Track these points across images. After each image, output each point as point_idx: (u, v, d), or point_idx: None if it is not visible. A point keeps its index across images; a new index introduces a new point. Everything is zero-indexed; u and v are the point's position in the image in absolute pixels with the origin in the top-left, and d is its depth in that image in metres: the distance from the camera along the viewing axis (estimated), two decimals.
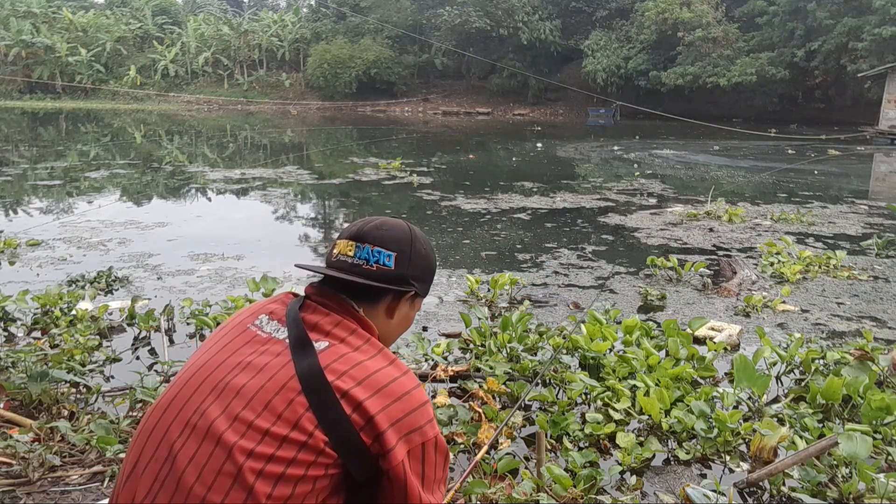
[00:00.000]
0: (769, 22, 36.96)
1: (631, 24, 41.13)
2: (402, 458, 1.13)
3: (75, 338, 3.63)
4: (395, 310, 1.36)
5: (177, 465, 1.07)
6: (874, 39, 30.55)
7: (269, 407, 1.09)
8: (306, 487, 1.09)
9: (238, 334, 1.24)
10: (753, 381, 3.08)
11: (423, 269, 1.39)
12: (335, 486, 1.15)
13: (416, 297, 1.40)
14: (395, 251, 1.31)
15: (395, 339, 1.42)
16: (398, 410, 1.14)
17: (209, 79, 51.74)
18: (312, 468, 1.09)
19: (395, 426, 1.13)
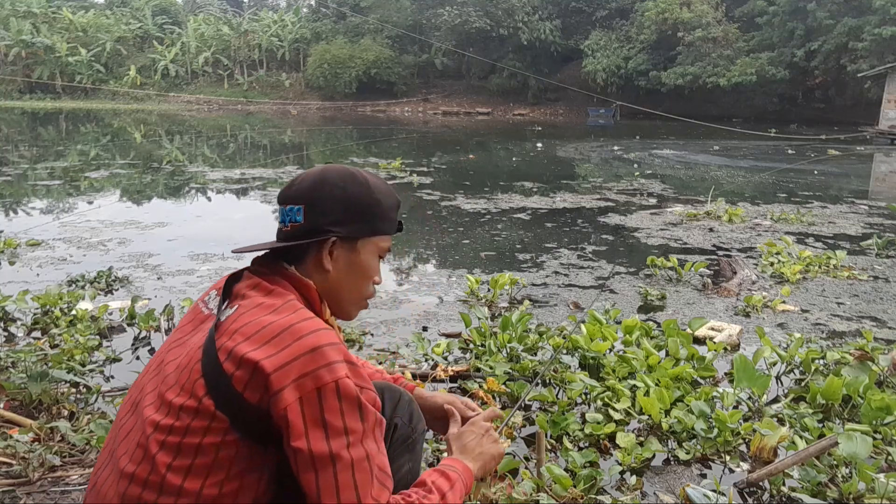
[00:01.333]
0: (769, 22, 36.96)
1: (631, 24, 41.14)
2: (287, 405, 1.05)
3: (75, 338, 3.63)
4: (324, 261, 1.28)
5: (117, 441, 1.17)
6: (874, 39, 30.55)
7: (178, 380, 1.14)
8: (207, 458, 1.08)
9: (190, 313, 1.32)
10: (753, 381, 3.08)
11: (343, 210, 1.28)
12: (251, 460, 1.11)
13: (353, 240, 1.30)
14: (303, 203, 1.27)
15: (359, 291, 1.35)
16: (286, 356, 1.07)
17: (209, 79, 51.74)
18: (208, 435, 1.08)
19: (279, 372, 1.06)
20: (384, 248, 1.37)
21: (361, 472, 1.08)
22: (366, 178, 1.32)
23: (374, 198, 1.32)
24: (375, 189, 1.33)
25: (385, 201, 1.34)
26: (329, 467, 1.05)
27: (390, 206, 1.36)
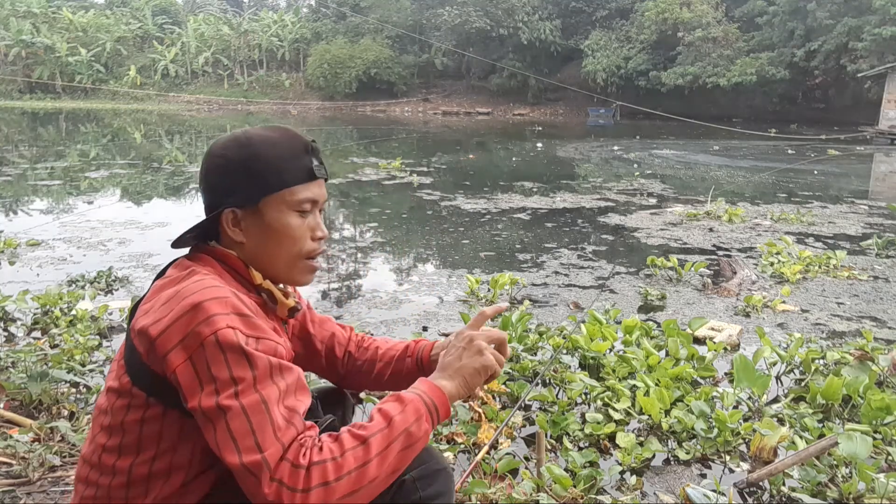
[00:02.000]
0: (769, 22, 36.96)
1: (631, 24, 41.14)
2: (175, 367, 1.05)
3: (75, 338, 3.63)
4: (231, 234, 1.24)
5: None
6: (874, 39, 30.55)
7: (114, 367, 1.21)
8: (132, 436, 1.13)
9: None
10: (753, 381, 3.08)
11: (227, 178, 1.22)
12: (181, 432, 1.13)
13: (252, 204, 1.22)
14: (201, 184, 1.28)
15: (286, 252, 1.25)
16: (168, 319, 1.07)
17: (209, 79, 51.75)
18: (130, 412, 1.14)
19: (163, 336, 1.06)
20: (297, 200, 1.24)
21: (257, 415, 1.02)
22: (249, 137, 1.24)
23: (258, 153, 1.22)
24: (261, 143, 1.23)
25: (274, 152, 1.23)
26: (222, 419, 1.01)
27: (283, 155, 1.23)
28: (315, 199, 1.28)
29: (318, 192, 1.28)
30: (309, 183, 1.26)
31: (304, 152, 1.27)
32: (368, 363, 1.53)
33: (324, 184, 1.32)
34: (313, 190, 1.27)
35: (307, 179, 1.26)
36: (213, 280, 1.15)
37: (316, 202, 1.28)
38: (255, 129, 1.26)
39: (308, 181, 1.26)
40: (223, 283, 1.16)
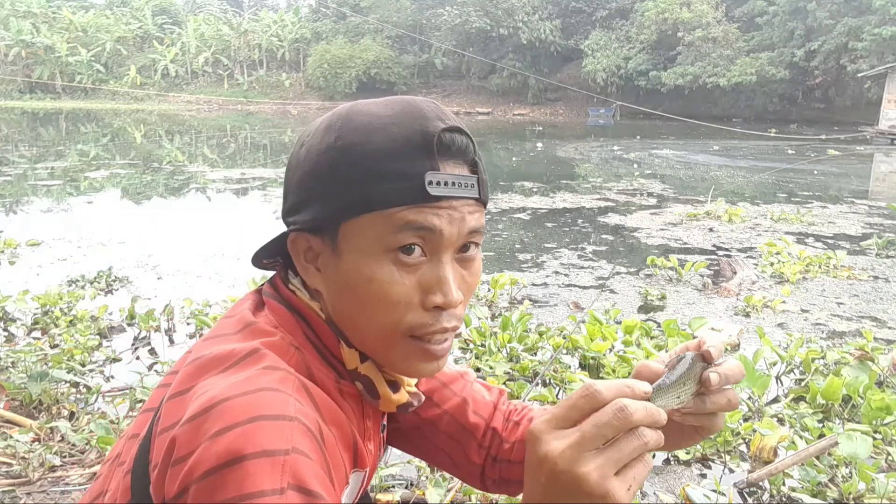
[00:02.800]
0: (769, 22, 36.99)
1: (631, 24, 41.18)
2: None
3: (75, 338, 3.63)
4: (302, 270, 0.77)
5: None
6: (874, 39, 30.57)
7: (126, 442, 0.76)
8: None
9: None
10: (753, 381, 3.08)
11: (300, 183, 0.76)
12: None
13: (328, 231, 0.73)
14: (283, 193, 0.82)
15: (373, 317, 0.72)
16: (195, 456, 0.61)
17: (209, 79, 51.78)
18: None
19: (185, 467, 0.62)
20: (391, 230, 0.70)
21: None
22: (349, 116, 0.75)
23: (346, 145, 0.72)
24: (358, 128, 0.73)
25: (370, 145, 0.71)
26: None
27: (382, 150, 0.71)
28: (431, 230, 0.71)
29: (438, 222, 0.71)
30: (422, 205, 0.71)
31: (422, 147, 0.71)
32: (520, 450, 0.92)
33: (468, 209, 0.75)
34: (428, 217, 0.71)
35: (415, 199, 0.70)
36: (275, 380, 0.66)
37: (432, 235, 0.71)
38: (368, 103, 0.77)
39: (417, 202, 0.70)
40: (294, 377, 0.69)
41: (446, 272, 0.72)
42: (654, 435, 0.59)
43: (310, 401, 0.68)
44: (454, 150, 0.73)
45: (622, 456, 0.57)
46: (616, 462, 0.56)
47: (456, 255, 0.75)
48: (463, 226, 0.73)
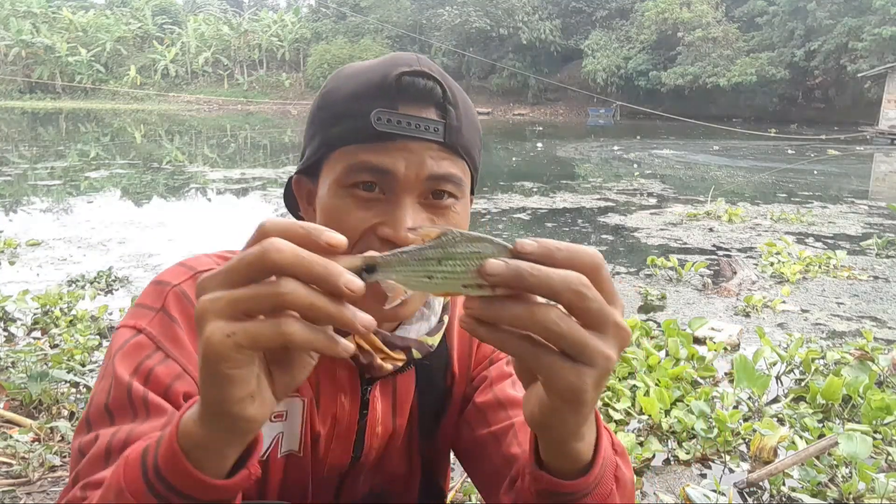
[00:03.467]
0: (769, 22, 37.01)
1: (631, 24, 41.20)
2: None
3: (75, 338, 3.63)
4: (303, 212, 0.87)
5: None
6: (874, 39, 30.59)
7: None
8: None
9: None
10: (753, 381, 3.08)
11: (304, 132, 0.84)
12: None
13: (313, 172, 0.80)
14: None
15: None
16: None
17: (209, 79, 51.79)
18: None
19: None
20: (345, 167, 0.74)
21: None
22: (347, 66, 0.83)
23: (330, 91, 0.79)
24: (345, 75, 0.79)
25: (347, 87, 0.76)
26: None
27: (352, 93, 0.75)
28: (383, 169, 0.73)
29: (390, 162, 0.73)
30: (372, 144, 0.73)
31: (378, 87, 0.73)
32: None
33: (430, 153, 0.74)
34: (380, 156, 0.73)
35: (366, 138, 0.73)
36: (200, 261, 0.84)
37: (386, 175, 0.73)
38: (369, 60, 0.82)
39: (367, 140, 0.73)
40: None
41: (401, 212, 0.73)
42: (305, 294, 0.46)
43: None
44: (414, 91, 0.73)
45: (242, 296, 0.47)
46: (232, 301, 0.47)
47: (425, 202, 0.76)
48: (422, 169, 0.73)
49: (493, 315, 0.48)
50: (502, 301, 0.48)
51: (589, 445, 0.61)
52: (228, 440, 0.52)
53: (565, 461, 0.61)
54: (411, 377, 0.90)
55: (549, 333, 0.48)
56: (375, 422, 0.87)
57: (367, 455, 0.88)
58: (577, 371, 0.49)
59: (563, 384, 0.50)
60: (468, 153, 0.78)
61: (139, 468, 0.55)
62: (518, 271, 0.47)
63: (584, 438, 0.59)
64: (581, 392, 0.50)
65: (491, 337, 0.49)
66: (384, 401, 0.88)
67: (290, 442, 0.83)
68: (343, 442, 0.86)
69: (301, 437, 0.83)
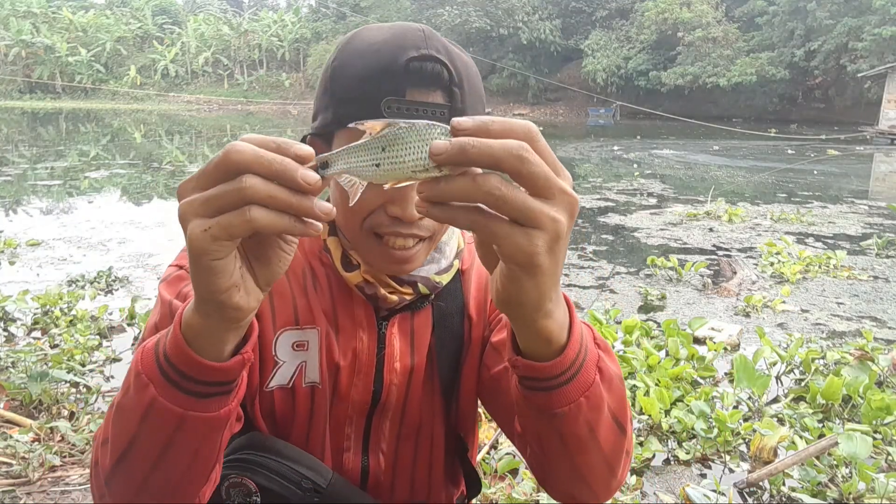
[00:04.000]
0: (769, 22, 37.01)
1: (631, 24, 41.20)
2: None
3: (75, 338, 3.63)
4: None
5: None
6: (874, 39, 30.60)
7: None
8: None
9: None
10: (753, 381, 3.08)
11: (315, 97, 0.88)
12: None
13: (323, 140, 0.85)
14: None
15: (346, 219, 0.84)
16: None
17: (209, 79, 51.79)
18: None
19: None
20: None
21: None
22: (356, 33, 0.85)
23: (341, 62, 0.82)
24: (355, 45, 0.82)
25: (359, 62, 0.79)
26: None
27: (366, 68, 0.78)
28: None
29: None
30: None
31: (389, 72, 0.77)
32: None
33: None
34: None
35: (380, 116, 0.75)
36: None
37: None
38: (372, 28, 0.86)
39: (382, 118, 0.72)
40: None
41: (408, 190, 0.77)
42: (263, 186, 0.51)
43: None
44: (421, 76, 0.77)
45: (212, 195, 0.52)
46: (204, 201, 0.53)
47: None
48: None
49: (442, 193, 0.51)
50: (449, 178, 0.51)
51: (561, 327, 0.61)
52: (222, 328, 0.60)
53: (537, 341, 0.61)
54: (427, 316, 0.94)
55: (494, 199, 0.50)
56: (393, 357, 0.91)
57: (388, 392, 0.91)
58: (527, 234, 0.52)
59: (514, 248, 0.52)
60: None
61: (153, 355, 0.63)
62: (461, 146, 0.49)
63: (551, 316, 0.59)
64: (534, 255, 0.52)
65: (444, 215, 0.52)
66: (402, 337, 0.92)
67: (312, 373, 0.88)
68: (364, 377, 0.90)
69: (320, 367, 0.88)
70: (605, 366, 0.69)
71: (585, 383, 0.65)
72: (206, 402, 0.62)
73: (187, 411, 0.62)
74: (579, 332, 0.64)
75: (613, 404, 0.70)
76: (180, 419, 0.62)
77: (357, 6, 46.66)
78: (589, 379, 0.65)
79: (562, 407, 0.65)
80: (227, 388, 0.63)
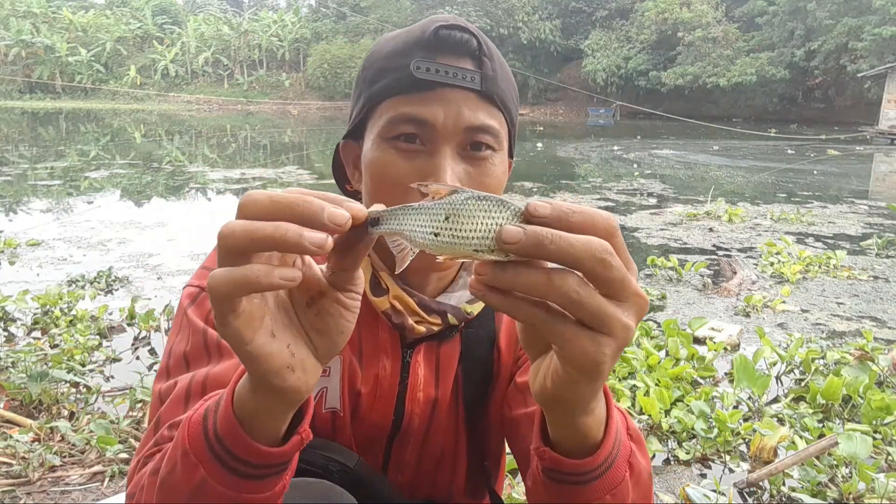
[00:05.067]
0: (769, 22, 37.02)
1: (631, 24, 41.20)
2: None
3: (75, 338, 3.63)
4: (351, 177, 0.94)
5: None
6: (874, 39, 30.60)
7: None
8: None
9: None
10: (753, 381, 3.08)
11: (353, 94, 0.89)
12: None
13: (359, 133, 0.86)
14: None
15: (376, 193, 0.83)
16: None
17: (209, 79, 51.78)
18: None
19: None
20: (386, 121, 0.77)
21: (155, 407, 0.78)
22: (387, 34, 0.87)
23: (370, 54, 0.84)
24: (383, 39, 0.85)
25: (386, 48, 0.81)
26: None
27: (393, 50, 0.80)
28: (423, 120, 0.75)
29: (428, 111, 0.75)
30: (411, 94, 0.76)
31: (418, 41, 0.77)
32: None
33: (467, 102, 0.77)
34: (418, 107, 0.75)
35: (406, 87, 0.76)
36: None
37: (425, 126, 0.75)
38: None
39: (408, 91, 0.76)
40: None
41: (441, 159, 0.76)
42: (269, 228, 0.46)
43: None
44: (451, 43, 0.77)
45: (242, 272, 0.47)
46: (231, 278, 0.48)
47: (463, 153, 0.78)
48: (459, 119, 0.76)
49: (508, 282, 0.46)
50: (516, 267, 0.45)
51: (599, 422, 0.57)
52: (277, 409, 0.55)
53: (574, 438, 0.57)
54: (455, 346, 0.91)
55: (568, 302, 0.45)
56: (416, 386, 0.88)
57: (410, 421, 0.89)
58: (596, 341, 0.47)
59: (580, 354, 0.47)
60: (504, 104, 0.81)
61: (201, 431, 0.58)
62: (537, 238, 0.44)
63: (593, 412, 0.56)
64: (599, 363, 0.47)
65: (503, 304, 0.47)
66: (427, 367, 0.89)
67: (333, 399, 0.86)
68: (384, 403, 0.87)
69: (340, 394, 0.85)
70: (635, 461, 0.64)
71: (614, 481, 0.60)
72: (260, 483, 0.58)
73: (240, 493, 0.57)
74: (615, 427, 0.60)
75: (638, 500, 0.65)
76: (233, 501, 0.58)
77: (357, 6, 46.64)
78: (618, 477, 0.61)
79: (584, 502, 0.60)
80: (283, 468, 0.59)
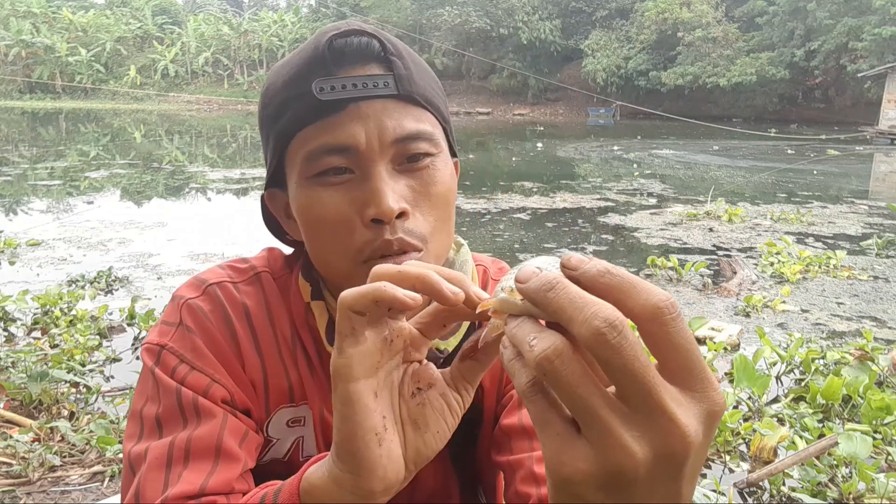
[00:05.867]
0: (769, 22, 37.01)
1: (631, 24, 41.19)
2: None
3: (75, 338, 3.63)
4: (285, 226, 0.81)
5: None
6: (874, 39, 30.59)
7: None
8: None
9: None
10: (753, 381, 3.08)
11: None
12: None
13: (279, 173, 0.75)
14: None
15: (327, 256, 0.71)
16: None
17: (209, 79, 51.76)
18: None
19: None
20: (305, 155, 0.68)
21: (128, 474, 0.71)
22: (278, 62, 0.76)
23: (266, 87, 0.74)
24: (275, 70, 0.75)
25: (283, 75, 0.71)
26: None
27: (290, 77, 0.69)
28: (343, 146, 0.66)
29: (345, 134, 0.66)
30: (322, 121, 0.67)
31: (312, 61, 0.68)
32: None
33: (385, 111, 0.68)
34: (334, 130, 0.66)
35: (315, 114, 0.67)
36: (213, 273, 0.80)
37: (348, 150, 0.67)
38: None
39: (316, 118, 0.67)
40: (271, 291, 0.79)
41: (376, 182, 0.66)
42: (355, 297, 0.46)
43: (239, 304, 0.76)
44: (350, 51, 0.68)
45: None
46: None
47: (400, 168, 0.69)
48: (384, 132, 0.67)
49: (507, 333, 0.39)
50: (515, 320, 0.39)
51: None
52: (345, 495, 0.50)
53: None
54: None
55: (548, 380, 0.35)
56: None
57: None
58: (581, 452, 0.34)
59: (553, 470, 0.35)
60: (429, 101, 0.72)
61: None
62: (542, 282, 0.36)
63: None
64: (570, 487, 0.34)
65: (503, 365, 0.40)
66: None
67: (309, 447, 0.81)
68: None
69: (316, 443, 0.81)
70: None
71: None
72: None
73: None
74: None
75: None
76: None
77: (357, 6, 46.64)
78: None
79: None
80: None
